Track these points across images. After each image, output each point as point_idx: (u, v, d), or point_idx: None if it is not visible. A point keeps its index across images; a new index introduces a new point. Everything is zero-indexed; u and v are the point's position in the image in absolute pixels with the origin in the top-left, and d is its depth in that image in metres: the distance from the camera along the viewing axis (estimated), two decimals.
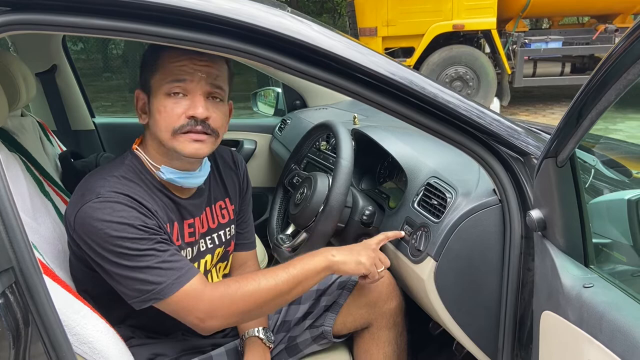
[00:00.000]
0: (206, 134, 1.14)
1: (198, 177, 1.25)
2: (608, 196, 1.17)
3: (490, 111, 1.12)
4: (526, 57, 7.38)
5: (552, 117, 7.26)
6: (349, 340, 1.47)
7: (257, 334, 1.33)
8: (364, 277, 1.30)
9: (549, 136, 1.38)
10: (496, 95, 7.29)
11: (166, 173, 1.19)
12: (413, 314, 1.50)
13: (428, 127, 1.11)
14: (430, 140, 1.48)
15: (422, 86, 1.06)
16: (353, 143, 1.52)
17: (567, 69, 7.72)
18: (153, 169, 1.20)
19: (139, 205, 1.11)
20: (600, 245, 1.01)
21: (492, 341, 1.24)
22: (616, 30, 7.38)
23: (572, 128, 0.80)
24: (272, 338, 1.36)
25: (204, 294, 1.11)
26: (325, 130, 1.72)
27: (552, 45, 7.48)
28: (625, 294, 0.86)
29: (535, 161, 1.14)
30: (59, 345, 0.95)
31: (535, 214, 1.02)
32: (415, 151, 1.51)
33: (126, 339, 1.20)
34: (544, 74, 7.61)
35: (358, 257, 1.25)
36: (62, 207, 1.50)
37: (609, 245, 1.02)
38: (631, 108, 7.34)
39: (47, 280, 0.99)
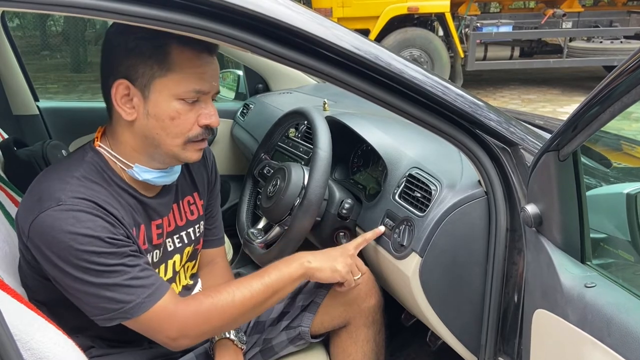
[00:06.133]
0: None
1: (174, 173, 1.15)
2: (604, 189, 1.15)
3: (454, 86, 1.06)
4: (478, 41, 7.45)
5: (502, 101, 7.39)
6: (325, 340, 1.41)
7: (228, 336, 1.25)
8: (340, 284, 1.26)
9: (534, 127, 1.37)
10: (449, 79, 7.35)
11: (141, 173, 1.08)
12: (385, 304, 1.45)
13: (405, 111, 1.04)
14: (409, 128, 1.43)
15: (388, 62, 0.99)
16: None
17: (516, 52, 7.84)
18: (123, 167, 1.08)
19: (105, 213, 1.00)
20: (596, 240, 0.98)
21: (475, 336, 1.21)
22: (564, 15, 7.56)
23: (585, 123, 0.75)
24: (245, 339, 1.29)
25: (176, 312, 1.03)
26: (299, 118, 1.63)
27: (503, 29, 7.58)
28: (630, 294, 0.83)
29: (522, 152, 1.11)
30: None
31: (530, 208, 0.98)
32: (394, 140, 1.44)
33: (85, 349, 1.10)
34: (494, 58, 7.71)
35: (334, 264, 1.20)
36: (8, 203, 1.36)
37: (604, 240, 0.99)
38: (576, 92, 7.59)
39: None
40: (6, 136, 1.99)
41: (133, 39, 1.00)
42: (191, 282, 1.31)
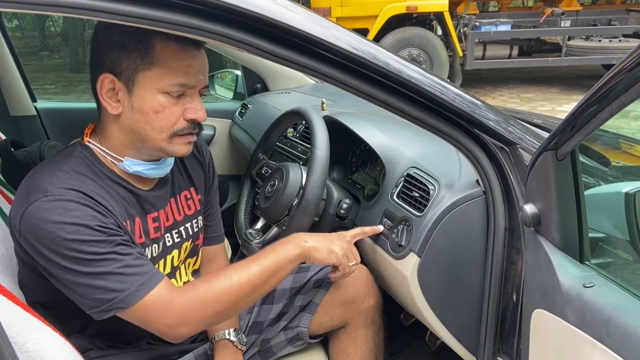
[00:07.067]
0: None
1: (166, 166, 1.15)
2: (602, 188, 1.15)
3: (453, 86, 1.06)
4: (477, 40, 7.44)
5: (501, 100, 7.39)
6: (324, 340, 1.40)
7: (227, 337, 1.25)
8: (334, 270, 1.24)
9: (533, 126, 1.37)
10: (448, 78, 7.35)
11: (131, 166, 1.08)
12: (384, 304, 1.45)
13: (403, 111, 1.04)
14: (407, 127, 1.42)
15: (387, 61, 0.98)
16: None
17: (515, 51, 7.85)
18: (114, 160, 1.08)
19: (93, 202, 0.99)
20: (595, 240, 0.98)
21: (474, 336, 1.20)
22: (562, 14, 7.55)
23: (584, 122, 0.75)
24: (244, 340, 1.28)
25: (172, 299, 1.02)
26: (297, 118, 1.63)
27: (501, 28, 7.57)
28: (629, 294, 0.82)
29: (521, 151, 1.10)
30: None
31: (529, 208, 0.97)
32: (392, 140, 1.44)
33: (84, 352, 1.09)
34: (493, 57, 7.70)
35: (331, 245, 1.18)
36: (4, 205, 1.35)
37: (603, 240, 0.99)
38: (575, 90, 7.58)
39: None
40: (3, 137, 1.99)
41: (117, 32, 1.00)
42: (192, 279, 1.30)
